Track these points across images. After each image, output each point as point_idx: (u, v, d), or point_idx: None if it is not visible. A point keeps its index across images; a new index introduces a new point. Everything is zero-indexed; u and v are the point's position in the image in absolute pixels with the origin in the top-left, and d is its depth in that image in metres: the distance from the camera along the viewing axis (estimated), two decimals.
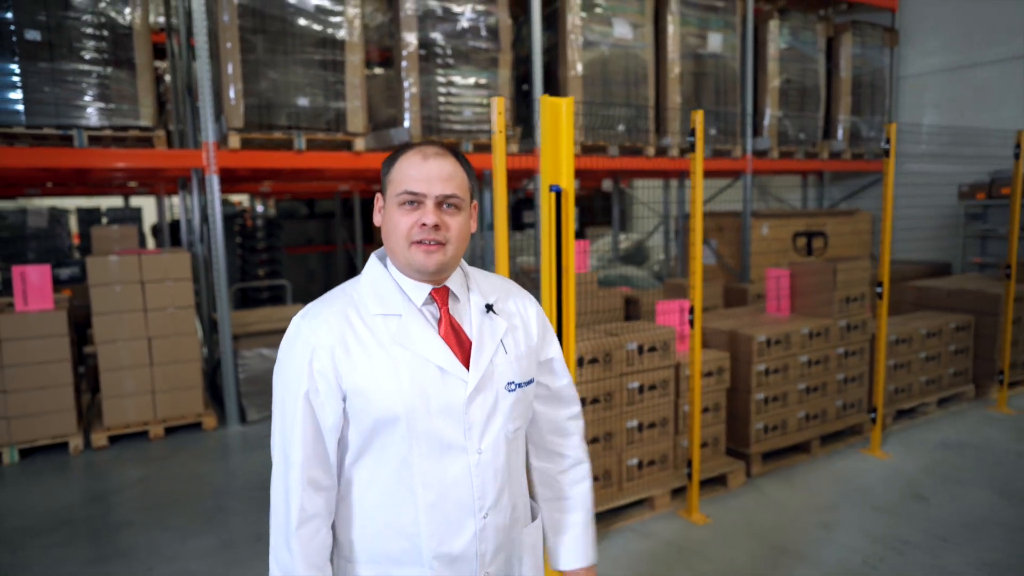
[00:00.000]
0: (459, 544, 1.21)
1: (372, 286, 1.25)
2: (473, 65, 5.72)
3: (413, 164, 1.20)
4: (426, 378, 1.19)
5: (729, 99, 7.15)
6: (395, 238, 1.20)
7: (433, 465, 1.19)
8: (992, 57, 8.03)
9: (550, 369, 1.40)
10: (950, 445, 4.30)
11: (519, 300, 1.37)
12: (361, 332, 1.19)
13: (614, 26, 6.32)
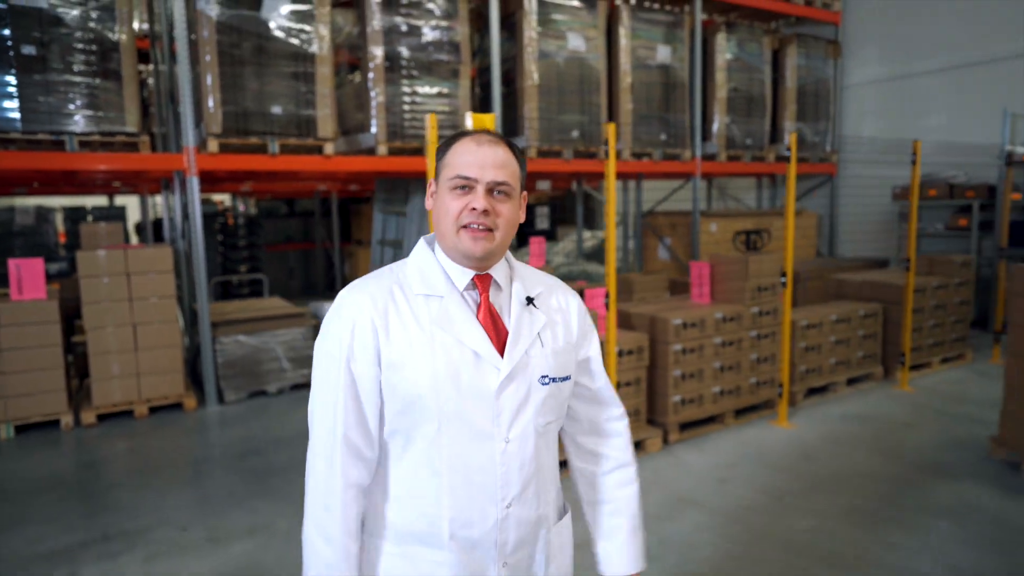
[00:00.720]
0: (478, 531, 1.23)
1: (418, 267, 1.27)
2: (436, 76, 6.22)
3: (467, 150, 1.22)
4: (460, 361, 1.20)
5: (679, 106, 7.70)
6: (445, 221, 1.22)
7: (460, 448, 1.21)
8: (924, 69, 8.66)
9: (587, 369, 1.41)
10: (849, 417, 4.87)
11: (562, 297, 1.38)
12: (403, 309, 1.22)
13: (568, 39, 6.84)
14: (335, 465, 1.19)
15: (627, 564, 1.40)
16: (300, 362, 5.87)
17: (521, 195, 1.29)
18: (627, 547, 1.41)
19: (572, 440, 1.46)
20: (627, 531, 1.41)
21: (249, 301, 6.67)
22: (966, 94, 8.25)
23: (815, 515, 3.40)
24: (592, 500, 1.44)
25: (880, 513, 3.41)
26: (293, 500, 3.69)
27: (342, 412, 1.19)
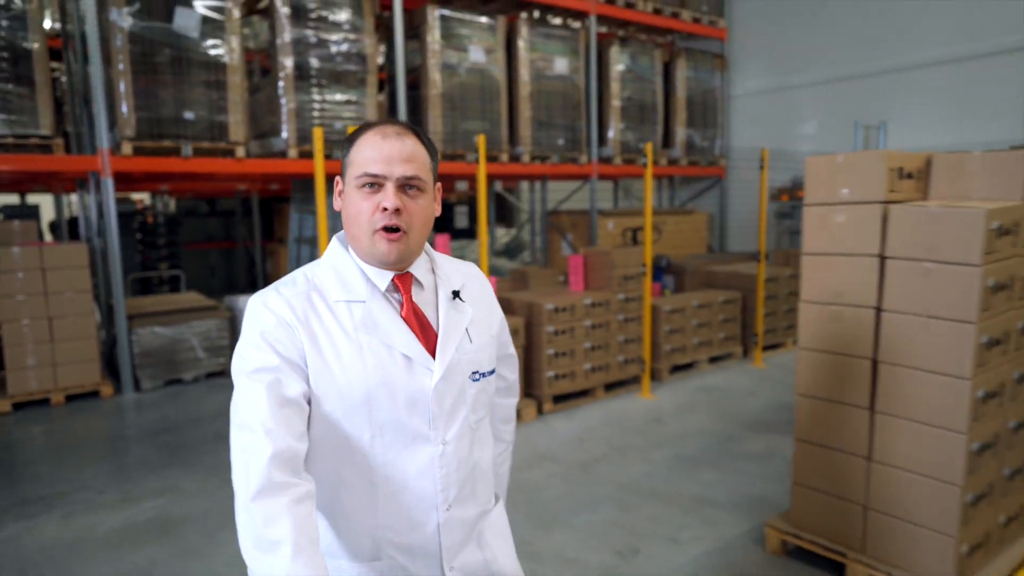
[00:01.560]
0: (419, 537, 1.19)
1: (334, 271, 1.21)
2: (344, 85, 6.69)
3: (372, 144, 1.15)
4: (392, 366, 1.15)
5: (576, 114, 8.39)
6: (356, 225, 1.16)
7: (394, 456, 1.16)
8: (799, 82, 9.64)
9: (508, 363, 1.43)
10: (703, 389, 5.63)
11: (480, 284, 1.35)
12: (325, 317, 1.16)
13: (470, 52, 7.42)
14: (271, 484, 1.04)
15: None
16: (215, 351, 6.24)
17: (435, 187, 1.23)
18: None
19: None
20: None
21: (166, 296, 6.98)
22: (833, 106, 9.26)
23: (650, 463, 4.09)
24: None
25: (702, 460, 4.13)
26: (202, 467, 4.13)
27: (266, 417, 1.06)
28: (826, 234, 2.78)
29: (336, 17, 6.56)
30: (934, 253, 2.44)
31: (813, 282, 2.85)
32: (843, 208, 2.71)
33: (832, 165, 2.75)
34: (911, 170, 2.69)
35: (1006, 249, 2.44)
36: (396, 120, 1.21)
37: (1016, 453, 2.75)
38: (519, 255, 11.25)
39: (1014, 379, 2.64)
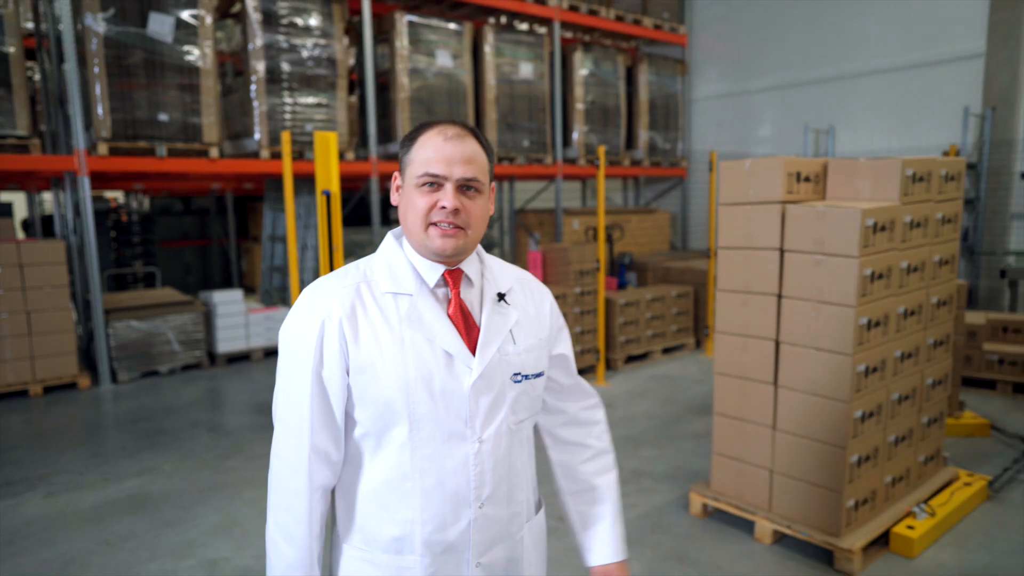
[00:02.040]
0: (452, 533, 1.20)
1: (386, 264, 1.23)
2: (315, 88, 6.95)
3: (434, 144, 1.17)
4: (432, 362, 1.17)
5: (541, 116, 8.73)
6: (412, 219, 1.19)
7: (432, 451, 1.18)
8: (755, 87, 10.07)
9: (562, 366, 1.40)
10: (655, 377, 6.01)
11: (534, 292, 1.35)
12: (371, 308, 1.18)
13: (437, 56, 7.72)
14: (300, 469, 1.17)
15: (612, 552, 1.40)
16: (191, 345, 6.48)
17: (491, 187, 1.25)
18: (611, 535, 1.41)
19: (550, 433, 1.45)
20: (610, 519, 1.41)
21: (142, 292, 7.19)
22: (787, 110, 9.71)
23: None
24: (572, 490, 1.44)
25: (645, 439, 4.49)
26: (178, 451, 4.40)
27: (308, 416, 1.16)
28: (737, 231, 3.14)
29: (307, 23, 6.82)
30: (822, 246, 2.81)
31: (727, 273, 3.22)
32: (750, 208, 3.07)
33: (741, 170, 3.11)
34: (808, 174, 3.06)
35: (883, 243, 2.82)
36: (456, 120, 1.23)
37: (901, 422, 3.14)
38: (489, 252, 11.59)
39: (896, 357, 3.02)
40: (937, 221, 3.17)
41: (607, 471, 1.44)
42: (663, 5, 10.06)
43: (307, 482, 1.17)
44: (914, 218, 2.99)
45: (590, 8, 9.01)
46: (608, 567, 1.39)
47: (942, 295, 3.29)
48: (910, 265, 3.02)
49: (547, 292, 1.39)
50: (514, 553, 1.29)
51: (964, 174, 3.35)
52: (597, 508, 1.42)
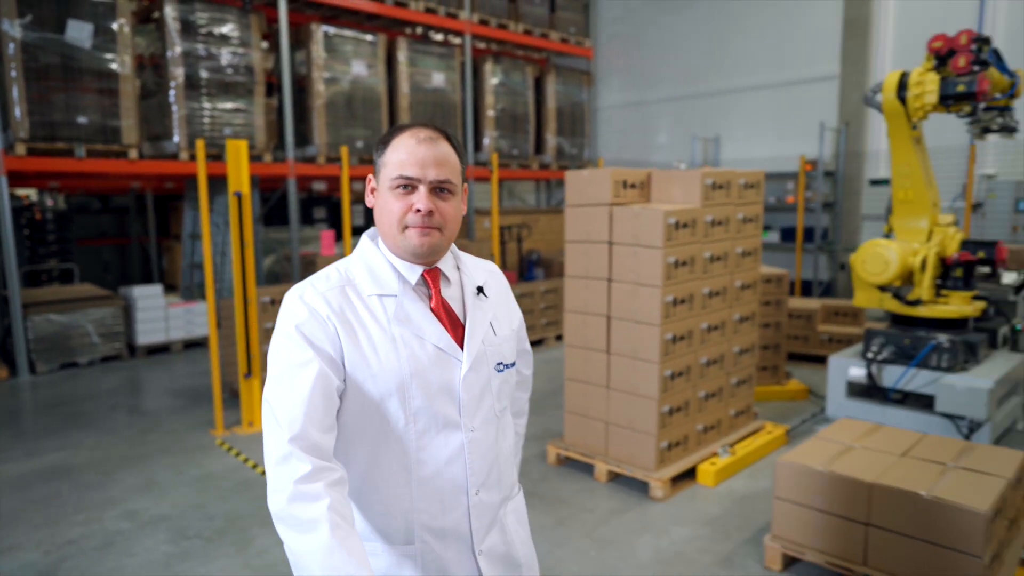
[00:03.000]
0: (450, 520, 1.25)
1: (365, 266, 1.27)
2: (233, 94, 7.35)
3: (407, 148, 1.21)
4: (424, 357, 1.22)
5: (453, 123, 9.35)
6: (388, 222, 1.23)
7: (428, 442, 1.23)
8: (652, 98, 10.98)
9: (524, 358, 1.50)
10: (546, 360, 6.71)
11: (501, 283, 1.43)
12: (360, 310, 1.22)
13: (352, 65, 8.23)
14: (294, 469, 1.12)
15: None
16: (110, 337, 6.78)
17: (463, 188, 1.29)
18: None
19: None
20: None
21: (61, 287, 7.40)
22: (680, 120, 10.64)
23: None
24: None
25: None
26: (100, 429, 4.79)
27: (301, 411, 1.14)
28: (579, 228, 3.85)
29: (224, 32, 7.21)
30: (638, 240, 3.54)
31: (573, 262, 3.92)
32: (588, 209, 3.78)
33: (581, 177, 3.82)
34: (634, 181, 3.79)
35: (685, 237, 3.58)
36: (430, 124, 1.28)
37: (710, 381, 3.91)
38: None
39: (703, 329, 3.79)
40: (738, 220, 3.96)
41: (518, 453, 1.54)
42: (569, 21, 10.85)
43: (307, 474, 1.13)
44: (715, 218, 3.76)
45: (499, 22, 9.68)
46: None
47: (746, 280, 4.09)
48: (713, 255, 3.79)
49: (505, 280, 1.47)
50: (504, 535, 1.35)
51: (763, 183, 4.16)
52: None
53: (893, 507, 2.58)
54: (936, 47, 4.28)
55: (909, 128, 4.42)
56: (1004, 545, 2.69)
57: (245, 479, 3.97)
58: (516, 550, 1.37)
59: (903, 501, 2.56)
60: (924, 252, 4.33)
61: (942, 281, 4.41)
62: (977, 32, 4.24)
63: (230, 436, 4.65)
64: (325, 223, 14.08)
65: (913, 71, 4.35)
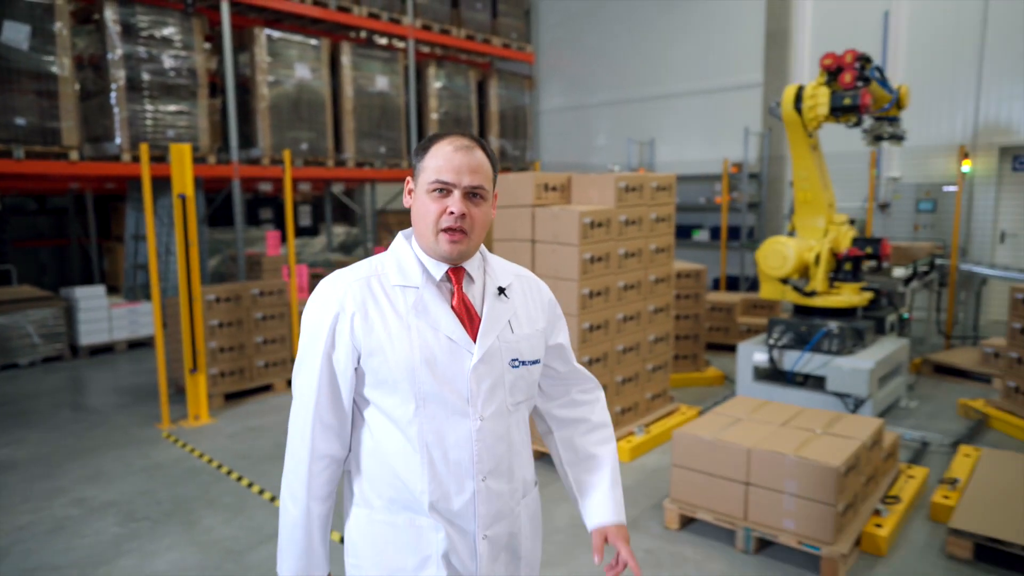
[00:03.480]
0: (458, 502, 1.33)
1: (395, 260, 1.37)
2: (175, 97, 7.43)
3: (445, 155, 1.30)
4: (436, 346, 1.30)
5: (397, 125, 9.58)
6: (424, 223, 1.32)
7: (437, 426, 1.31)
8: (592, 102, 11.41)
9: (558, 355, 1.52)
10: None
11: (532, 288, 1.48)
12: (381, 299, 1.32)
13: (296, 69, 8.39)
14: (306, 438, 1.33)
15: (611, 513, 1.47)
16: (51, 338, 6.81)
17: (493, 195, 1.38)
18: (610, 498, 1.48)
19: (549, 414, 1.56)
20: (608, 483, 1.50)
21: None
22: (617, 124, 11.11)
23: None
24: (572, 461, 1.54)
25: None
26: (44, 426, 4.90)
27: (314, 393, 1.32)
28: (507, 227, 4.18)
29: (166, 35, 7.30)
30: (557, 238, 3.89)
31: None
32: (514, 210, 4.11)
33: (508, 180, 4.15)
34: (555, 184, 4.14)
35: (600, 236, 3.94)
36: (467, 133, 1.38)
37: (627, 367, 4.29)
38: (355, 250, 12.27)
39: (619, 319, 4.17)
40: (651, 220, 4.36)
41: (606, 442, 1.55)
42: (511, 27, 11.18)
43: (310, 450, 1.34)
44: (628, 217, 4.14)
45: (442, 28, 9.95)
46: (607, 528, 1.46)
47: (659, 275, 4.49)
48: (627, 252, 4.17)
49: (545, 287, 1.53)
50: (513, 528, 1.41)
51: (674, 186, 4.57)
52: (595, 475, 1.51)
53: (766, 468, 2.99)
54: (826, 64, 4.76)
55: (806, 136, 4.90)
56: (861, 498, 3.13)
57: (192, 467, 4.17)
58: (521, 543, 1.43)
59: (774, 462, 2.97)
60: (818, 248, 4.82)
61: (835, 274, 4.91)
62: (862, 52, 4.73)
63: (176, 429, 4.83)
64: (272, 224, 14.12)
65: (808, 85, 4.83)
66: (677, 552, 3.12)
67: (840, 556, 2.82)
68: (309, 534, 1.35)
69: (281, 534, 1.38)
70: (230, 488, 3.88)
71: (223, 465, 4.19)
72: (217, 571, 3.03)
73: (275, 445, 4.52)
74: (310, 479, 1.34)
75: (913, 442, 4.33)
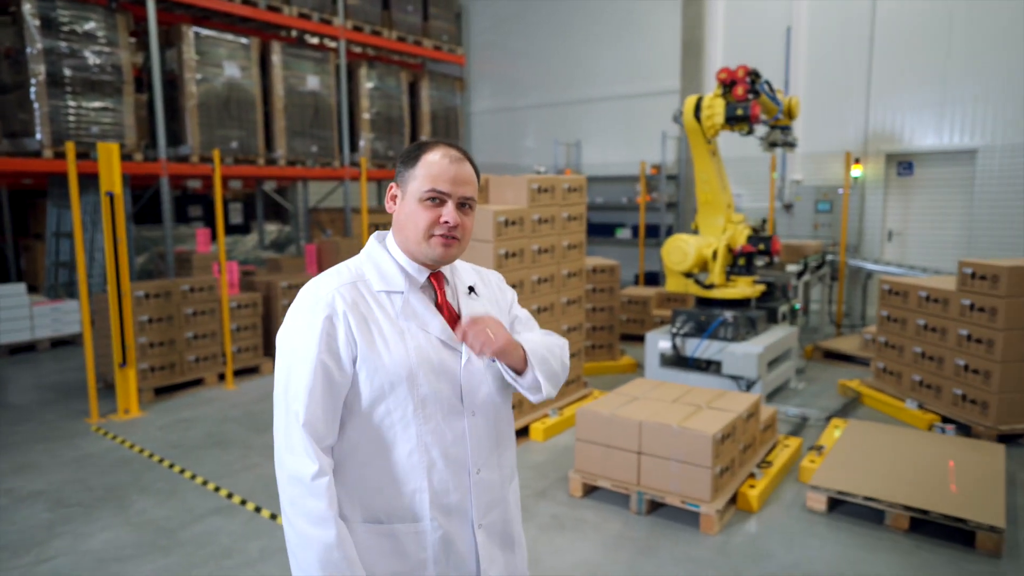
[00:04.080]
0: (455, 497, 1.37)
1: (373, 265, 1.39)
2: (100, 93, 7.38)
3: (440, 165, 1.33)
4: (429, 348, 1.35)
5: (329, 124, 9.70)
6: (415, 230, 1.34)
7: (435, 425, 1.35)
8: (521, 104, 11.79)
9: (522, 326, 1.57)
10: None
11: (491, 282, 1.57)
12: (370, 304, 1.34)
13: (225, 68, 8.42)
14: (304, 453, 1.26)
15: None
16: None
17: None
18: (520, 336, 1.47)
19: None
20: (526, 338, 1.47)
21: None
22: (545, 126, 11.52)
23: None
24: None
25: None
26: None
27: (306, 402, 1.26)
28: None
29: (89, 30, 7.24)
30: (474, 235, 4.21)
31: None
32: None
33: None
34: None
35: (514, 233, 4.29)
36: (456, 144, 1.45)
37: None
38: (288, 248, 12.29)
39: (534, 310, 4.52)
40: (564, 219, 4.73)
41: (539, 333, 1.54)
42: (442, 29, 11.44)
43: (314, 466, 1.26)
44: (541, 216, 4.50)
45: (373, 29, 10.12)
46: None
47: (572, 269, 4.88)
48: (541, 248, 4.53)
49: (496, 277, 1.60)
50: (506, 514, 1.48)
51: (585, 187, 4.96)
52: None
53: (655, 438, 3.40)
54: (722, 78, 5.25)
55: (706, 143, 5.38)
56: (739, 463, 3.58)
57: (123, 457, 4.30)
58: (513, 528, 1.50)
59: (661, 432, 3.38)
60: (716, 245, 5.31)
61: (731, 268, 5.41)
62: (752, 68, 5.24)
63: (106, 423, 4.91)
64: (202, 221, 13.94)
65: (706, 96, 5.31)
66: (579, 516, 3.49)
67: (716, 512, 3.25)
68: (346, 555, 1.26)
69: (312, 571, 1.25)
70: (162, 475, 4.03)
71: (155, 454, 4.33)
72: (152, 547, 3.21)
73: (206, 435, 4.68)
74: (328, 494, 1.27)
75: (795, 418, 4.86)
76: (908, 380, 4.93)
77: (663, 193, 9.71)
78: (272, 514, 3.56)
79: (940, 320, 4.64)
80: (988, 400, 4.29)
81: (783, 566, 3.00)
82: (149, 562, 3.09)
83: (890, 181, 8.56)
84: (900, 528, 3.25)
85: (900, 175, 8.49)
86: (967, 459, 3.69)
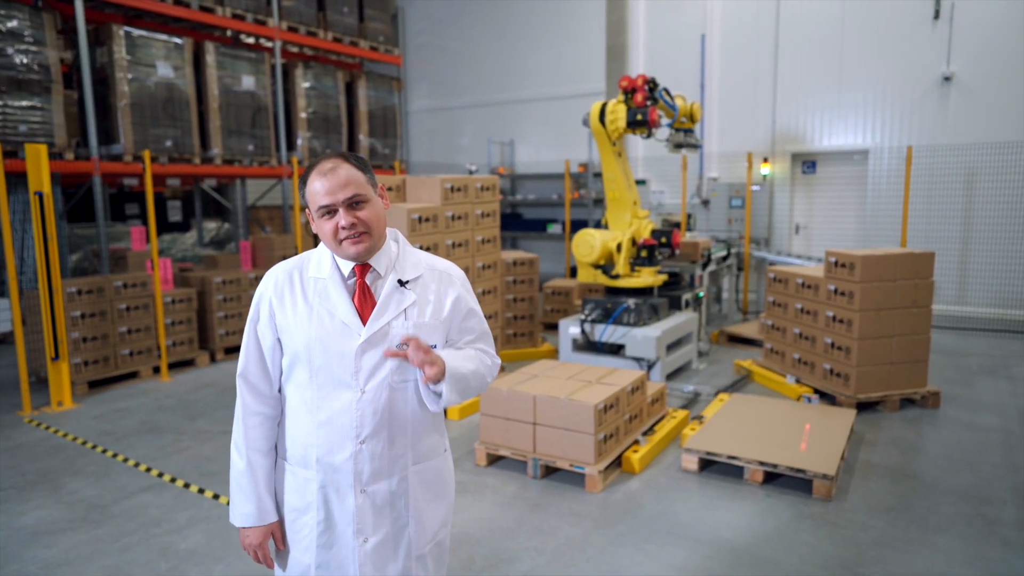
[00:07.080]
0: (339, 458, 1.58)
1: (317, 256, 1.65)
2: (27, 92, 7.43)
3: (319, 183, 1.52)
4: (330, 327, 1.56)
5: (265, 124, 9.86)
6: (326, 239, 1.57)
7: (325, 394, 1.57)
8: (457, 104, 12.13)
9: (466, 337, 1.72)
10: None
11: (443, 281, 1.68)
12: (296, 287, 1.61)
13: (158, 67, 8.52)
14: (241, 396, 1.65)
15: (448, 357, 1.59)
16: None
17: (378, 190, 1.62)
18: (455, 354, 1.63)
19: None
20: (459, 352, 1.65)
21: None
22: (481, 125, 11.89)
23: None
24: None
25: None
26: None
27: (244, 358, 1.64)
28: None
29: (14, 29, 7.28)
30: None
31: None
32: None
33: None
34: (392, 185, 4.82)
35: (428, 229, 4.66)
36: (333, 153, 1.60)
37: None
38: (228, 245, 12.36)
39: None
40: (477, 216, 5.13)
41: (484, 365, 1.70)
42: (378, 30, 11.68)
43: (242, 406, 1.66)
44: (455, 213, 4.89)
45: (309, 30, 10.32)
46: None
47: (487, 261, 5.28)
48: (455, 242, 4.92)
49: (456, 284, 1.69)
50: (399, 489, 1.63)
51: (498, 186, 5.36)
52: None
53: (547, 410, 3.83)
54: (623, 85, 5.73)
55: (611, 145, 5.85)
56: (624, 431, 4.05)
57: (57, 445, 4.51)
58: (409, 504, 1.64)
59: (552, 404, 3.81)
60: (620, 238, 5.79)
61: (635, 259, 5.90)
62: (650, 76, 5.74)
63: (39, 415, 5.09)
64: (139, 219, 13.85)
65: (610, 102, 5.78)
66: (482, 482, 3.90)
67: (599, 473, 3.71)
68: (255, 483, 1.63)
69: (231, 487, 1.67)
70: (95, 460, 4.28)
71: (88, 441, 4.56)
72: (84, 521, 3.48)
73: (140, 423, 4.92)
74: (246, 432, 1.64)
75: (689, 394, 5.38)
76: (789, 358, 5.51)
77: (591, 189, 10.20)
78: (200, 488, 3.86)
79: (813, 304, 5.22)
80: (849, 373, 4.88)
81: (651, 515, 3.47)
82: (82, 534, 3.37)
83: (796, 179, 9.25)
84: (756, 481, 3.77)
85: (805, 173, 9.18)
86: (822, 423, 4.25)
